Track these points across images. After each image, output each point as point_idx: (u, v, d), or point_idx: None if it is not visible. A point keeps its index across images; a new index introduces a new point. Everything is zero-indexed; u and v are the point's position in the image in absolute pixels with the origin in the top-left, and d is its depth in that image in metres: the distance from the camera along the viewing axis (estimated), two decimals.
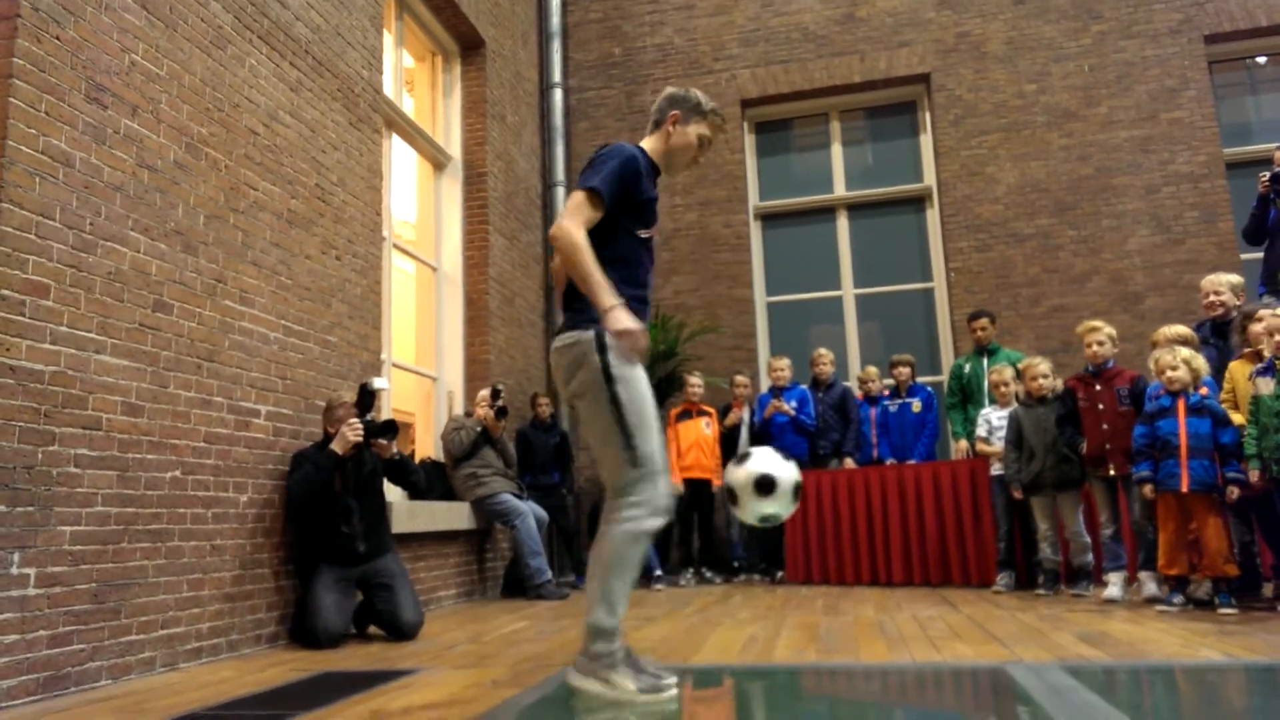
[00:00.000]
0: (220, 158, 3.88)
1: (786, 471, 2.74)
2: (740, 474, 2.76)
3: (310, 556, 4.04)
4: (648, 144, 2.84)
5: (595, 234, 2.60)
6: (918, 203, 7.96)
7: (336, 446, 3.99)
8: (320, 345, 4.47)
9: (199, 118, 3.77)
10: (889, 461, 6.42)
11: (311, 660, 3.49)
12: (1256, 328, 4.32)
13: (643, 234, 2.74)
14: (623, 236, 2.68)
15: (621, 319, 2.50)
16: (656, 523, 2.54)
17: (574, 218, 2.56)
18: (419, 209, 6.98)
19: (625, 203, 2.66)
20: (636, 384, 2.58)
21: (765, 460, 2.76)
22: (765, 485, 2.71)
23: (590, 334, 2.57)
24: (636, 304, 2.65)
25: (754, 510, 2.75)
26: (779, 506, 2.73)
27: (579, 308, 2.65)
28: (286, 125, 4.37)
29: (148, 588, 3.27)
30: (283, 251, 4.25)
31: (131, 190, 3.37)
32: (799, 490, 2.77)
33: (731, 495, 2.79)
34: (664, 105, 2.85)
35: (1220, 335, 4.84)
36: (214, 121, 3.86)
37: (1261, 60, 7.61)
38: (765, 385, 6.99)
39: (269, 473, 3.98)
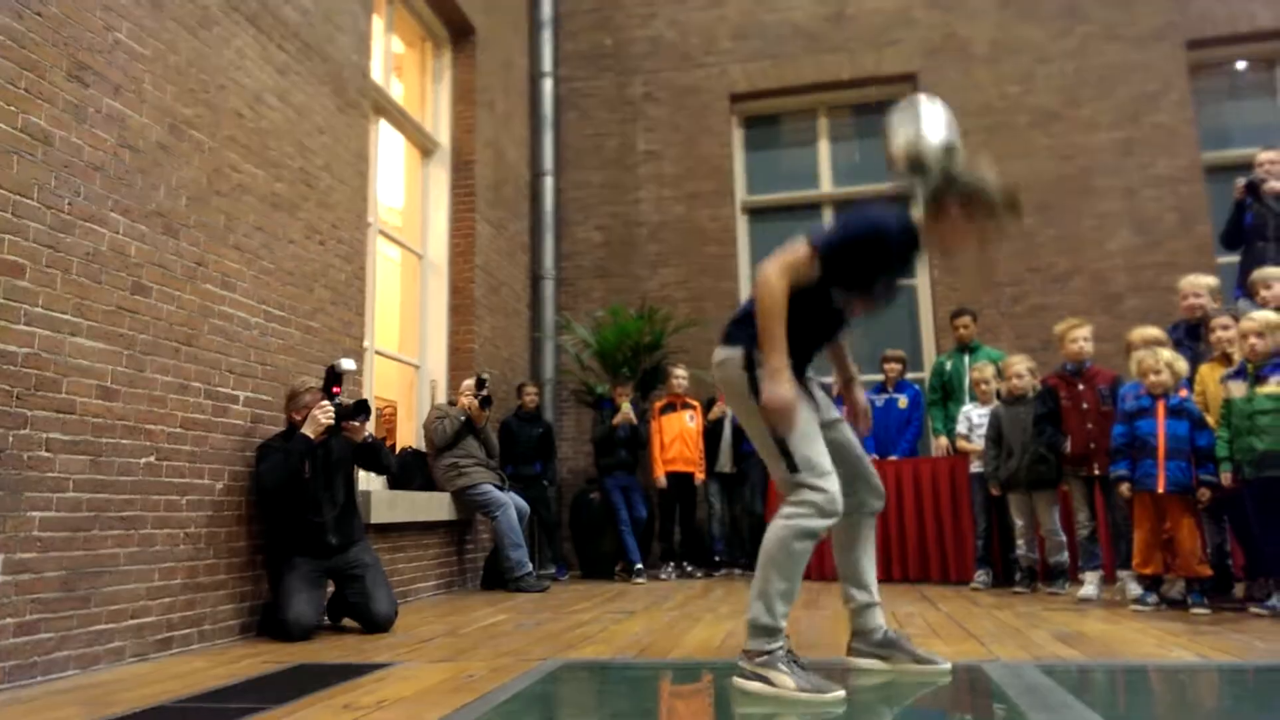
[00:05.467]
0: (204, 139, 3.83)
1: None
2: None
3: (281, 547, 3.98)
4: (924, 222, 2.63)
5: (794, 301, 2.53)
6: (903, 201, 7.96)
7: (308, 431, 3.89)
8: (302, 331, 4.43)
9: (183, 98, 3.72)
10: (872, 457, 6.44)
11: (285, 652, 3.46)
12: (1220, 333, 4.36)
13: (838, 301, 2.62)
14: (815, 297, 2.57)
15: (775, 388, 2.46)
16: (822, 523, 2.52)
17: (784, 272, 2.49)
18: (406, 195, 6.92)
19: (844, 271, 2.56)
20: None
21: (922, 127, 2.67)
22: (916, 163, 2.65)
23: (739, 351, 2.61)
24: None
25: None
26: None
27: (736, 325, 2.68)
28: (273, 108, 4.32)
29: (118, 576, 3.23)
30: (266, 235, 4.20)
31: (112, 170, 3.32)
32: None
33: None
34: (946, 187, 2.57)
35: (1194, 337, 4.89)
36: (199, 103, 3.81)
37: (1241, 66, 7.68)
38: None
39: (246, 460, 3.94)
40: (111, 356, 3.26)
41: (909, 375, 7.19)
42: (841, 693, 2.44)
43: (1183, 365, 4.36)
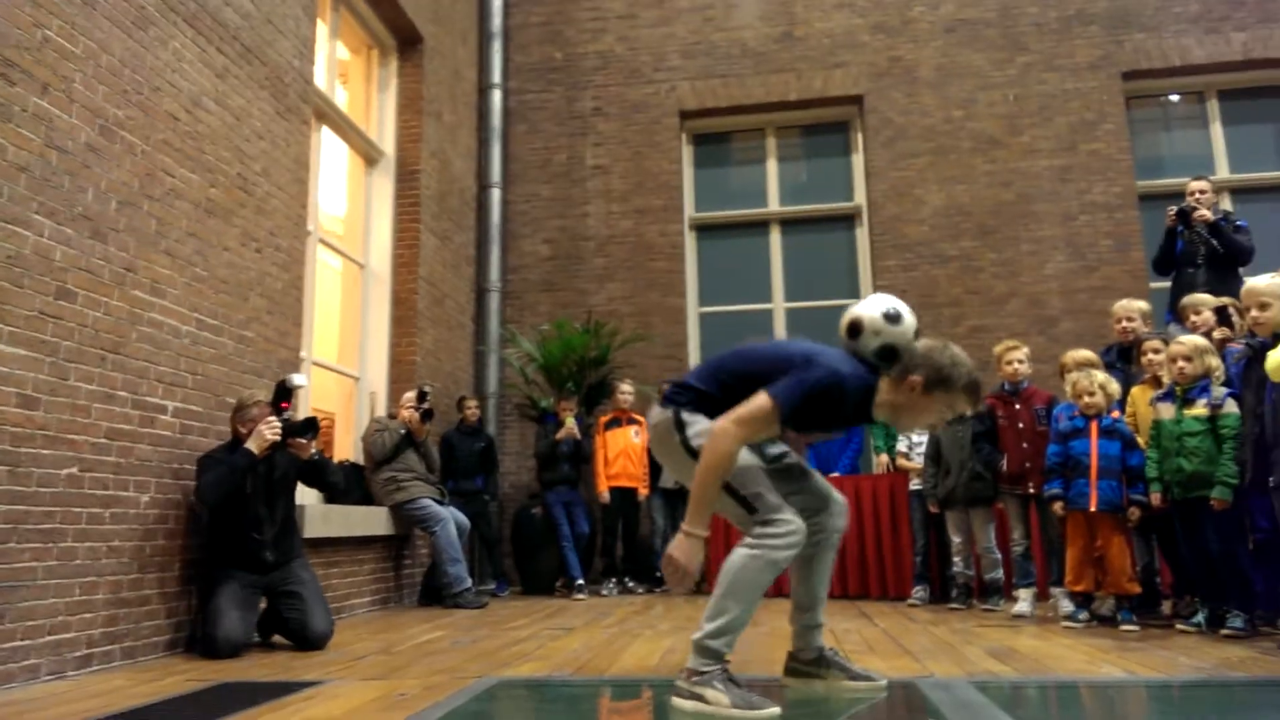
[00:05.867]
0: (136, 142, 3.72)
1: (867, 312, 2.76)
2: (866, 310, 2.77)
3: (215, 561, 3.87)
4: (883, 385, 2.64)
5: (738, 394, 2.54)
6: (848, 220, 8.10)
7: (252, 445, 3.82)
8: (235, 340, 4.32)
9: (115, 99, 3.61)
10: None
11: (211, 670, 3.35)
12: (1151, 356, 4.49)
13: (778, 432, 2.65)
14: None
15: (685, 548, 2.47)
16: (788, 554, 2.50)
17: (744, 424, 2.47)
18: (348, 204, 6.82)
19: (796, 417, 2.55)
20: None
21: (885, 299, 2.80)
22: (893, 317, 2.71)
23: (669, 413, 2.67)
24: None
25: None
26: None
27: (673, 389, 2.74)
28: (210, 112, 4.22)
29: (36, 590, 3.10)
30: (199, 242, 4.09)
31: (38, 171, 3.21)
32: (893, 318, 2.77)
33: (855, 328, 2.75)
34: (914, 360, 2.59)
35: (1126, 360, 5.02)
36: (131, 104, 3.70)
37: (1174, 98, 7.96)
38: None
39: (174, 472, 3.82)
40: (33, 364, 3.14)
41: None
42: (776, 710, 2.43)
43: (1115, 387, 4.48)
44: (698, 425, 2.62)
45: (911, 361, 2.59)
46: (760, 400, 2.50)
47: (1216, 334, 4.41)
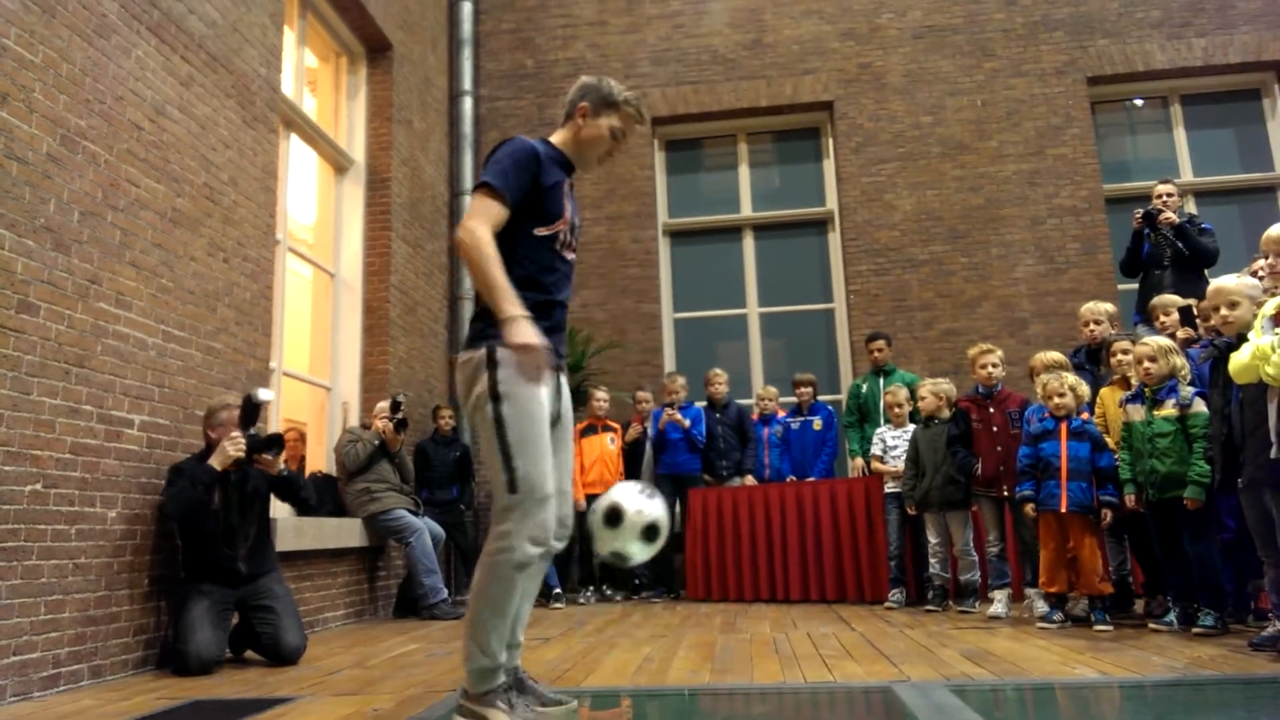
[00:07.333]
0: (100, 152, 3.66)
1: (642, 506, 2.47)
2: (597, 505, 2.55)
3: (186, 576, 3.82)
4: (558, 136, 2.71)
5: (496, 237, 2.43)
6: (820, 225, 8.15)
7: (215, 461, 3.77)
8: (203, 352, 4.26)
9: (77, 109, 3.55)
10: (789, 478, 6.51)
11: (181, 688, 3.29)
12: (1120, 357, 4.54)
13: (540, 232, 2.53)
14: (520, 238, 2.49)
15: (520, 331, 2.30)
16: (535, 551, 2.35)
17: (477, 218, 2.40)
18: (318, 213, 6.75)
19: (525, 198, 2.50)
20: (525, 403, 2.38)
21: (621, 491, 2.51)
22: (612, 517, 2.46)
23: (482, 351, 2.42)
24: (538, 311, 2.43)
25: (603, 544, 2.51)
26: (623, 543, 2.46)
27: (478, 325, 2.51)
28: (175, 121, 4.16)
29: (0, 610, 3.03)
30: (165, 252, 4.03)
31: None
32: (653, 532, 2.46)
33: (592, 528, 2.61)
34: (575, 96, 2.70)
35: (1095, 361, 5.08)
36: (94, 114, 3.64)
37: (1139, 102, 8.09)
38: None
39: (141, 486, 3.75)
40: None
41: (826, 397, 7.31)
42: (573, 704, 2.42)
43: (1085, 389, 4.52)
44: (512, 369, 2.39)
45: (576, 96, 2.70)
46: (476, 196, 2.47)
47: (1180, 334, 4.47)
